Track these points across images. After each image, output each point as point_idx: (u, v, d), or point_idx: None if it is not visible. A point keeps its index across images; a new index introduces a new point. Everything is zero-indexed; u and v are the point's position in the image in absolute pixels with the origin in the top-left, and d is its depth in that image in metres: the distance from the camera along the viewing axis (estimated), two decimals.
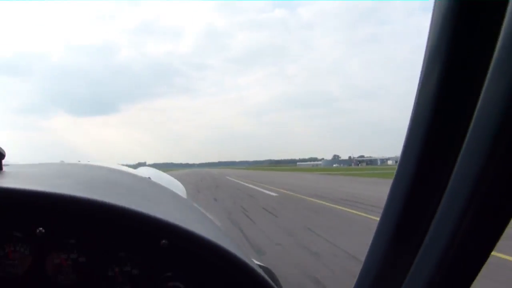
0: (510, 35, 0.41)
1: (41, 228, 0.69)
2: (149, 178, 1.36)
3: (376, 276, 0.62)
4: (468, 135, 0.47)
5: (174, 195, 1.19)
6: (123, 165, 1.75)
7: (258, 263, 0.93)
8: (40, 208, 0.70)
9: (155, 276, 0.72)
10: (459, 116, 0.48)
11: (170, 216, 0.76)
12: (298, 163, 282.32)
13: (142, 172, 1.65)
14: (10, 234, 0.68)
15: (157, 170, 2.06)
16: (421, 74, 0.52)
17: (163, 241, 0.71)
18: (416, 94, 0.53)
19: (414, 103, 0.53)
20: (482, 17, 0.46)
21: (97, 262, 0.71)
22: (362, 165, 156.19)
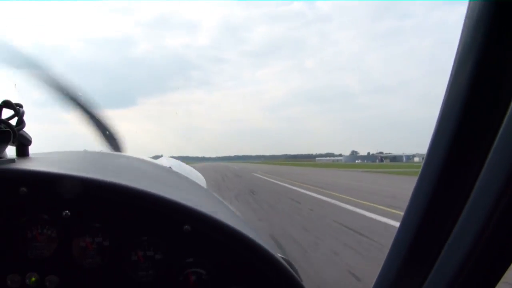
0: None
1: (67, 211, 0.71)
2: (170, 167, 1.41)
3: (397, 274, 0.61)
4: (497, 137, 0.45)
5: (195, 184, 1.25)
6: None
7: (279, 255, 0.89)
8: (66, 192, 0.70)
9: (177, 261, 0.73)
10: (489, 118, 0.47)
11: (192, 202, 0.77)
12: (317, 158, 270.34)
13: (163, 162, 1.69)
14: (38, 217, 0.70)
15: (178, 161, 2.08)
16: (450, 75, 0.51)
17: (186, 226, 0.73)
18: (445, 95, 0.52)
19: (442, 104, 0.52)
20: None
21: (121, 246, 0.72)
22: (386, 162, 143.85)
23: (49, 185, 0.70)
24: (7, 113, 0.79)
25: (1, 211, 0.70)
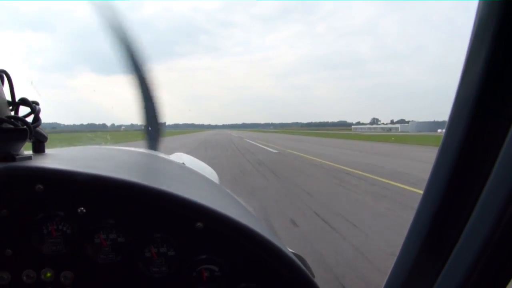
0: None
1: (82, 208, 0.72)
2: (183, 163, 1.38)
3: (408, 275, 0.60)
4: (508, 136, 0.46)
5: (207, 180, 1.22)
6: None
7: (291, 250, 0.91)
8: (81, 189, 0.72)
9: (190, 258, 0.74)
10: (498, 119, 0.48)
11: (204, 199, 0.78)
12: (353, 126, 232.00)
13: (176, 158, 1.68)
14: (53, 213, 0.71)
15: (191, 157, 2.05)
16: (461, 74, 0.51)
17: (198, 223, 0.73)
18: (455, 95, 0.52)
19: (453, 103, 0.52)
20: None
21: (135, 242, 0.73)
22: None
23: (65, 182, 0.72)
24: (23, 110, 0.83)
25: (18, 207, 0.71)
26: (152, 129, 1.65)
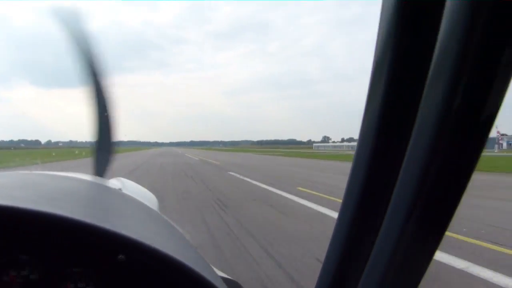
0: (445, 38, 0.41)
1: None
2: (119, 189, 1.32)
3: (335, 276, 0.62)
4: (412, 135, 0.48)
5: (142, 207, 1.12)
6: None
7: (226, 276, 0.87)
8: None
9: None
10: (405, 119, 0.49)
11: (130, 229, 0.72)
12: (315, 144, 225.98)
13: (113, 183, 1.56)
14: None
15: (130, 181, 1.91)
16: (370, 81, 0.52)
17: (120, 256, 0.70)
18: (366, 102, 0.54)
19: (364, 110, 0.54)
20: (421, 20, 0.44)
21: (50, 279, 0.68)
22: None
23: None
24: None
25: None
26: (103, 149, 1.28)
